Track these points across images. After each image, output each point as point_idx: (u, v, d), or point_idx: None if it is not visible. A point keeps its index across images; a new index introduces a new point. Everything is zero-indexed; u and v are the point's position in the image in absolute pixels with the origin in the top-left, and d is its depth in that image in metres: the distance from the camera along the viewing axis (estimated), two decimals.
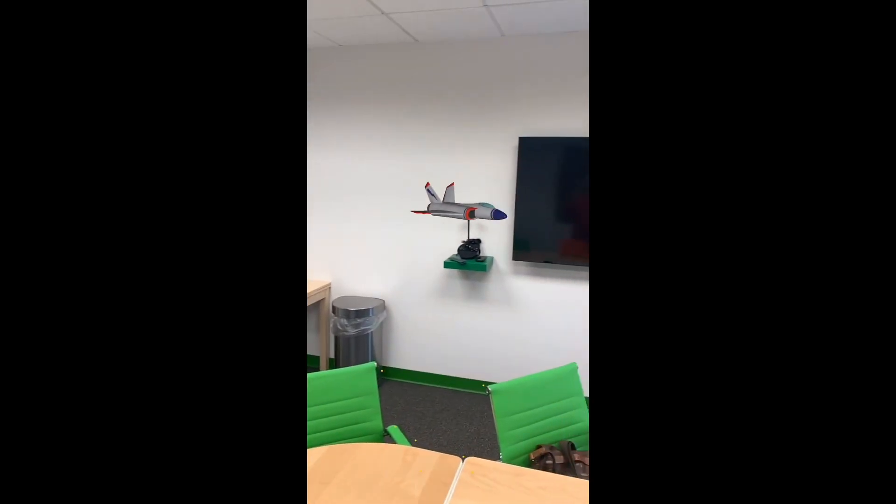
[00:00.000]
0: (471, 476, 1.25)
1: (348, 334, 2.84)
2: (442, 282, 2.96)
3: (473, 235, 2.85)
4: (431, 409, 2.76)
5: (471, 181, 2.81)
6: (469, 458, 1.33)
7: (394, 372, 3.13)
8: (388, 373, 3.15)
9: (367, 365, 1.66)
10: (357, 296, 3.10)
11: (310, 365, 3.28)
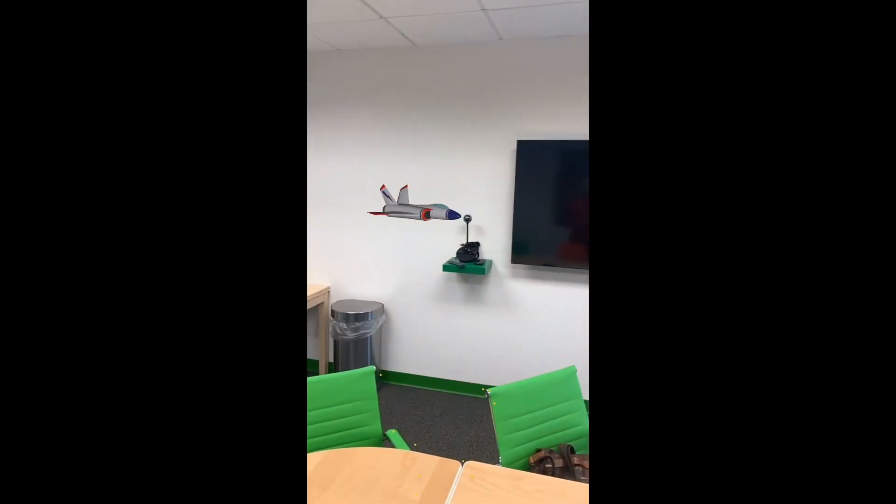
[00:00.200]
0: (470, 480, 1.25)
1: (347, 338, 2.83)
2: (441, 285, 2.96)
3: (472, 238, 2.85)
4: (431, 413, 2.76)
5: (469, 184, 2.81)
6: (468, 462, 1.32)
7: (393, 376, 3.13)
8: (387, 377, 3.14)
9: (366, 369, 1.65)
10: (356, 299, 3.09)
11: (309, 369, 3.27)
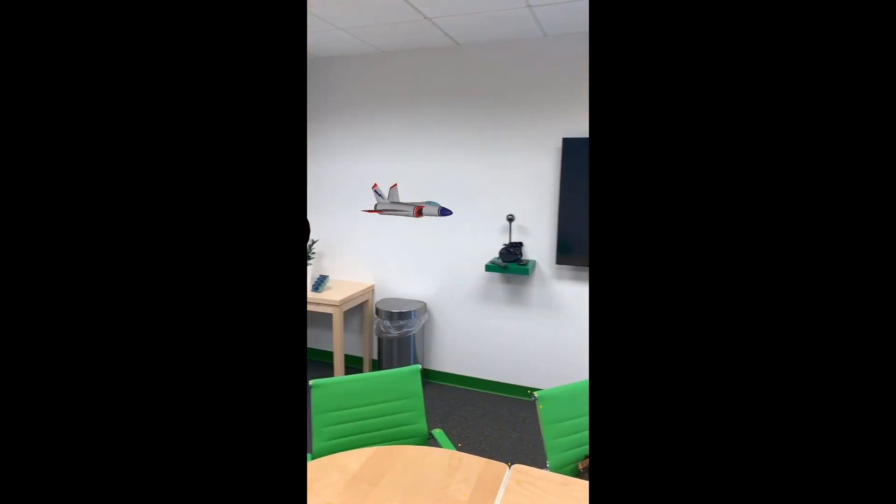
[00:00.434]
0: (517, 484, 1.23)
1: (391, 336, 2.87)
2: (483, 285, 2.94)
3: (515, 238, 2.82)
4: (473, 414, 2.75)
5: (513, 183, 2.78)
6: (515, 466, 1.30)
7: (435, 375, 3.14)
8: (428, 375, 3.16)
9: (412, 367, 1.67)
10: (399, 298, 3.13)
11: (353, 365, 3.34)
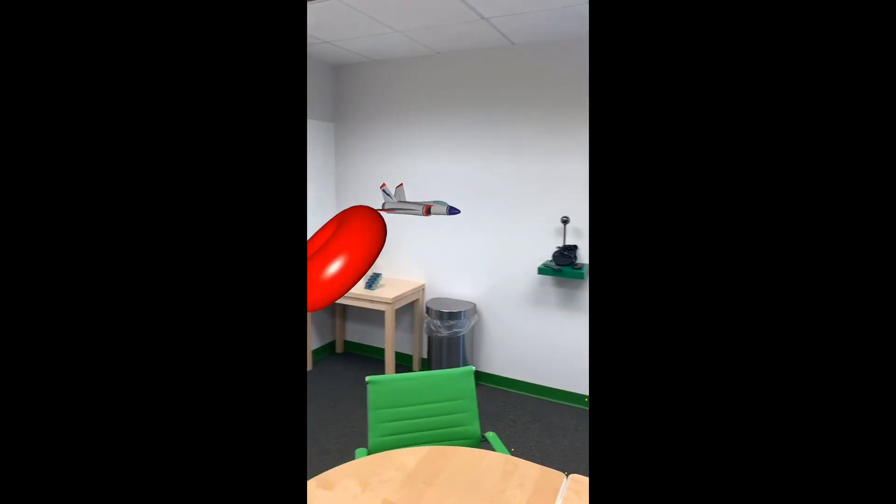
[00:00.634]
0: (576, 494, 1.19)
1: (441, 335, 2.88)
2: (535, 288, 2.89)
3: (570, 241, 2.75)
4: (523, 418, 2.70)
5: (567, 183, 2.71)
6: (573, 475, 1.26)
7: (483, 376, 3.12)
8: (477, 377, 3.15)
9: (466, 369, 1.66)
10: (450, 298, 3.14)
11: (402, 363, 3.38)
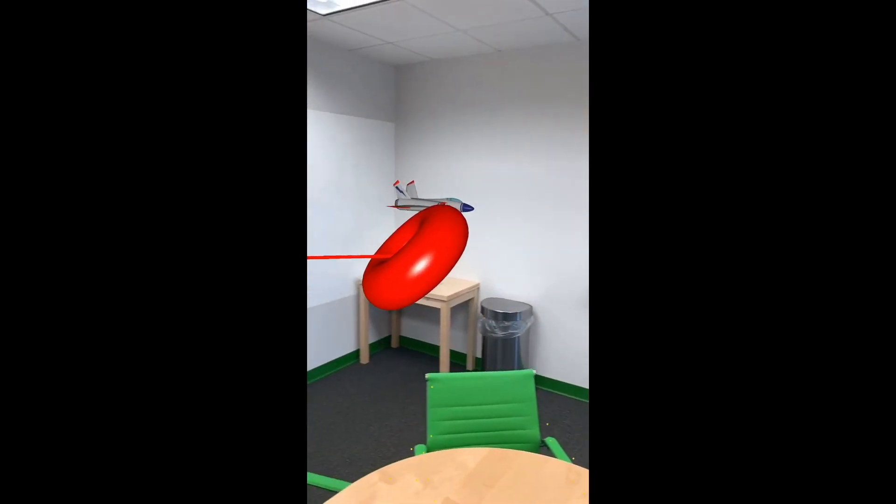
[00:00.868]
0: None
1: (496, 336, 2.86)
2: None
3: None
4: (579, 424, 2.63)
5: None
6: None
7: (539, 380, 3.06)
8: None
9: (526, 372, 1.63)
10: (505, 298, 3.11)
11: (457, 361, 3.40)
